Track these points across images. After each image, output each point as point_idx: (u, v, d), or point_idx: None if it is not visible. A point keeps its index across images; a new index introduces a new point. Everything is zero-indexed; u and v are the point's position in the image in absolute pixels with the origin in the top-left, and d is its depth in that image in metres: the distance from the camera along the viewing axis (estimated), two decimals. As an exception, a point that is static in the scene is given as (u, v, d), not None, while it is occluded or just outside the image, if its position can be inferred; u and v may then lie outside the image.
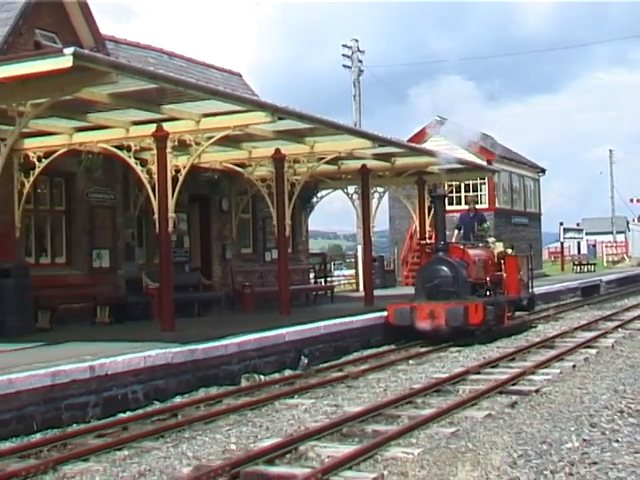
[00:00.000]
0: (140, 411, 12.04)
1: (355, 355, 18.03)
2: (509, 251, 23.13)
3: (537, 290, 33.11)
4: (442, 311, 18.60)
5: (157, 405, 12.51)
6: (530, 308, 24.35)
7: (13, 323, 15.90)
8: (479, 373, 14.48)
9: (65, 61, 12.11)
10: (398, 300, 21.10)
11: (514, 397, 11.97)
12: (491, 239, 23.08)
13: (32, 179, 18.69)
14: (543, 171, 51.67)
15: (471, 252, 20.92)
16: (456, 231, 23.40)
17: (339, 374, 15.04)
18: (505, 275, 21.80)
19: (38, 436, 10.53)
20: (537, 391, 12.38)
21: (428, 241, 22.24)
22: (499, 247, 22.55)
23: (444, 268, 19.88)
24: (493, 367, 15.13)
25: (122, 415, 11.77)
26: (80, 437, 10.34)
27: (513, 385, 13.03)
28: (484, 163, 38.40)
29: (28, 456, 9.45)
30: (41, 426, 10.82)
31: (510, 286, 21.87)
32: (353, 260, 42.86)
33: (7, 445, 10.07)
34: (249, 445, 9.58)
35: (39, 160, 18.56)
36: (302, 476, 7.82)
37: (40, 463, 8.93)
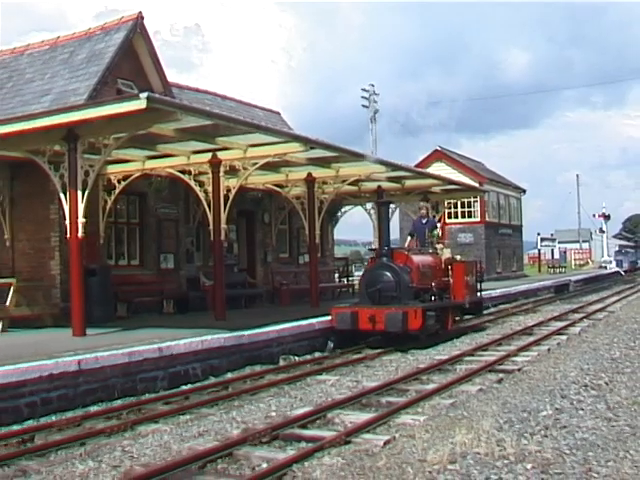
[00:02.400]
0: (198, 384, 12.09)
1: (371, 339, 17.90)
2: (458, 257, 20.41)
3: (519, 288, 33.21)
4: (382, 316, 15.65)
5: (212, 379, 12.56)
6: (477, 312, 20.69)
7: (98, 313, 15.97)
8: (473, 355, 14.48)
9: (140, 103, 12.22)
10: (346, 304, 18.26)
11: (501, 375, 11.98)
12: (439, 246, 19.36)
13: (113, 197, 18.90)
14: (524, 191, 51.51)
15: (415, 258, 17.47)
16: (409, 238, 20.10)
17: (359, 356, 15.03)
18: (452, 281, 18.43)
19: (118, 402, 10.65)
20: (519, 370, 12.36)
21: (373, 247, 18.24)
22: (447, 253, 19.14)
23: (387, 273, 16.63)
24: (484, 350, 15.12)
25: (184, 387, 11.87)
26: (151, 404, 10.46)
27: (500, 365, 13.02)
28: (476, 184, 38.28)
29: (111, 418, 9.59)
30: (120, 394, 10.94)
31: (457, 291, 18.44)
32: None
33: (95, 409, 10.23)
34: (286, 412, 9.63)
35: (118, 182, 18.75)
36: (330, 437, 7.88)
37: (121, 423, 9.08)
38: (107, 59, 19.21)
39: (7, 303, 16.08)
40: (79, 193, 13.99)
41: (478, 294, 20.00)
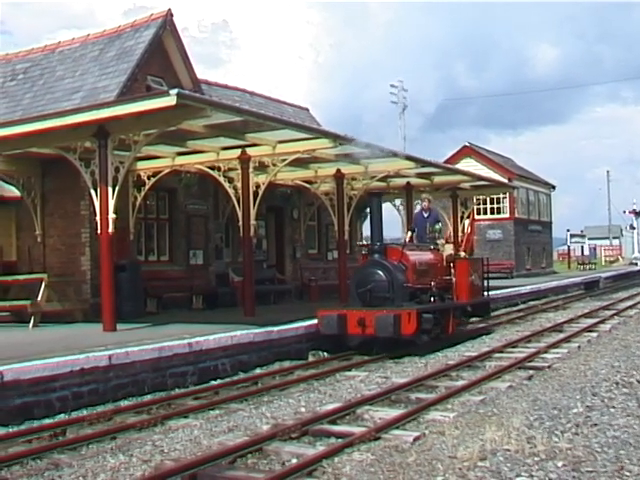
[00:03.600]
0: (228, 379, 12.11)
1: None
2: (462, 254, 18.99)
3: (549, 284, 32.99)
4: (372, 319, 13.91)
5: (241, 375, 12.58)
6: (484, 314, 18.92)
7: (128, 308, 16.07)
8: (502, 352, 14.39)
9: (170, 100, 12.29)
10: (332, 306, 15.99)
11: (531, 372, 11.88)
12: (440, 241, 17.40)
13: (143, 194, 19.03)
14: (553, 187, 51.21)
15: (411, 254, 15.56)
16: (409, 233, 17.93)
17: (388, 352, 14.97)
18: (454, 280, 16.59)
19: (149, 397, 10.71)
20: (549, 367, 12.28)
21: (364, 242, 16.05)
22: (449, 250, 17.30)
23: (378, 272, 14.79)
24: (513, 347, 15.03)
25: (213, 382, 11.88)
26: (181, 399, 10.49)
27: (530, 362, 12.92)
28: (506, 180, 38.11)
29: (141, 412, 9.63)
30: (151, 389, 11.00)
31: (460, 292, 16.64)
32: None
33: (125, 403, 10.29)
34: (316, 408, 9.63)
35: (148, 178, 18.88)
36: (359, 433, 7.87)
37: (151, 418, 9.11)
38: (137, 56, 19.34)
39: (39, 298, 16.23)
40: (109, 189, 14.09)
41: (485, 294, 18.35)
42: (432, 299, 15.46)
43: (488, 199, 41.38)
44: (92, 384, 10.23)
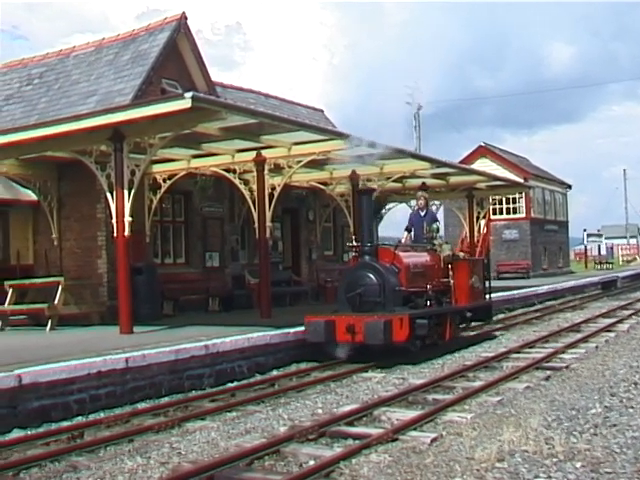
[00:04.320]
0: (245, 381, 12.09)
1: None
2: (461, 254, 17.83)
3: (566, 284, 32.83)
4: (361, 325, 12.97)
5: (258, 377, 12.58)
6: (486, 318, 17.99)
7: (145, 311, 16.12)
8: (519, 352, 14.32)
9: (185, 103, 12.34)
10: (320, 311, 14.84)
11: (548, 372, 11.83)
12: (437, 241, 16.13)
13: (158, 196, 19.11)
14: (569, 186, 51.02)
15: (405, 256, 14.54)
16: (405, 233, 16.76)
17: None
18: (453, 282, 15.52)
19: (166, 399, 10.71)
20: (567, 367, 12.22)
21: (355, 243, 14.64)
22: (446, 250, 15.91)
23: (369, 275, 13.78)
24: (531, 348, 14.97)
25: (230, 384, 11.87)
26: (198, 401, 10.49)
27: (547, 362, 12.86)
28: (521, 180, 37.99)
29: (159, 414, 9.64)
30: (168, 391, 11.02)
31: (459, 295, 15.59)
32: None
33: (142, 405, 10.31)
34: (333, 410, 9.62)
35: (164, 181, 18.96)
36: (376, 435, 7.86)
37: (168, 420, 9.12)
38: (151, 59, 19.40)
39: (56, 301, 16.31)
40: (125, 192, 14.14)
41: (486, 297, 17.40)
42: (428, 303, 14.40)
43: (504, 199, 41.28)
44: (109, 387, 10.26)
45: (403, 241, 16.33)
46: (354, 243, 14.55)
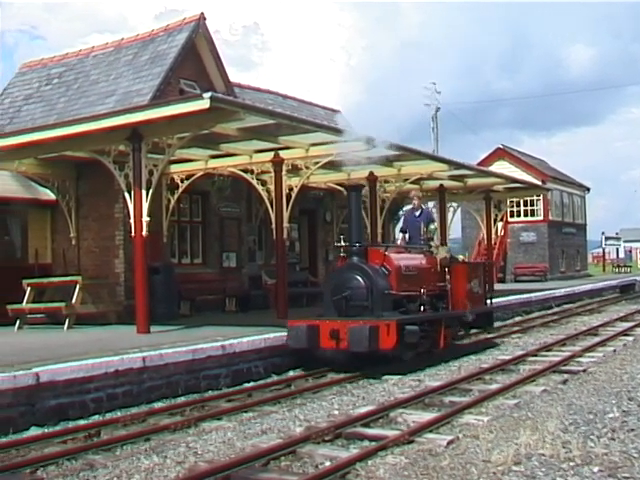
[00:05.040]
0: (261, 382, 12.12)
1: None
2: (461, 257, 16.87)
3: (583, 287, 32.65)
4: (346, 331, 12.19)
5: (274, 377, 12.60)
6: (486, 325, 16.94)
7: (162, 310, 16.18)
8: (536, 355, 14.27)
9: (204, 103, 12.37)
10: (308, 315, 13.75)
11: (565, 375, 11.78)
12: (434, 242, 15.33)
13: (176, 196, 19.17)
14: (588, 189, 50.80)
15: (396, 257, 13.70)
16: (401, 235, 16.09)
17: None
18: (450, 287, 14.61)
19: (182, 399, 10.73)
20: (584, 371, 12.18)
21: (343, 243, 13.66)
22: (443, 252, 15.11)
23: (356, 277, 12.95)
24: (548, 351, 14.91)
25: (247, 385, 11.89)
26: (214, 401, 10.52)
27: (564, 365, 12.82)
28: (539, 183, 37.84)
29: (175, 414, 9.67)
30: (184, 391, 11.03)
31: (457, 300, 14.67)
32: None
33: (159, 405, 10.35)
34: (349, 411, 9.61)
35: (182, 181, 19.00)
36: (393, 436, 7.85)
37: (184, 420, 9.15)
38: (170, 60, 19.45)
39: (73, 300, 16.39)
40: (143, 192, 14.18)
41: (487, 302, 16.43)
42: (422, 308, 13.54)
43: (522, 201, 41.13)
44: (126, 386, 10.30)
45: (399, 243, 15.67)
46: (342, 243, 13.63)
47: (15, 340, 14.27)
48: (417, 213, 15.72)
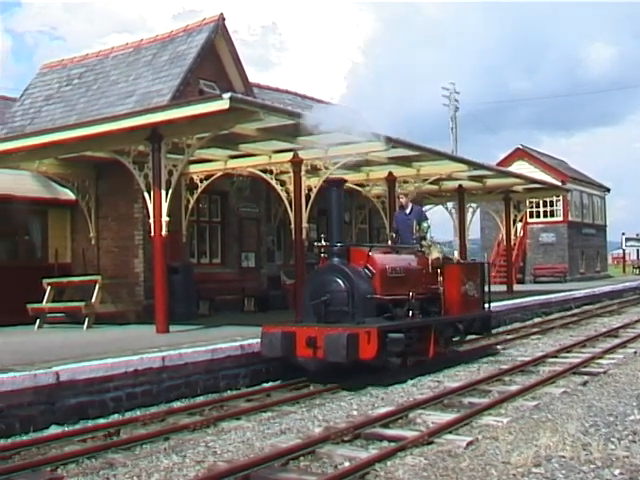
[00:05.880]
0: (280, 382, 12.07)
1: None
2: (455, 255, 15.62)
3: (604, 289, 32.45)
4: (322, 339, 11.08)
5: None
6: (483, 331, 15.47)
7: (181, 310, 16.25)
8: (556, 357, 14.20)
9: (223, 104, 12.41)
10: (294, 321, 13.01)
11: (586, 377, 11.72)
12: (425, 242, 13.91)
13: (195, 196, 19.26)
14: (608, 190, 50.52)
15: (380, 258, 12.54)
16: (392, 235, 14.81)
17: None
18: (442, 289, 13.55)
19: (201, 398, 10.74)
20: (605, 372, 12.11)
21: (323, 242, 12.41)
22: (435, 253, 13.72)
23: (336, 279, 11.85)
24: (568, 352, 14.83)
25: (265, 385, 11.88)
26: (233, 401, 10.52)
27: (584, 367, 12.74)
28: (559, 183, 37.69)
29: (194, 414, 9.68)
30: (203, 391, 11.04)
31: (450, 304, 13.58)
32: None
33: (178, 404, 10.36)
34: (368, 412, 9.59)
35: (201, 181, 19.09)
36: (412, 437, 7.84)
37: (204, 419, 9.16)
38: (189, 60, 19.51)
39: (93, 300, 16.48)
40: (163, 192, 14.23)
41: (485, 307, 15.14)
42: (410, 313, 12.45)
43: (541, 202, 41.00)
44: (145, 385, 10.33)
45: (390, 243, 14.63)
46: (322, 242, 12.42)
47: (35, 339, 14.36)
48: (407, 211, 14.64)
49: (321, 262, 12.71)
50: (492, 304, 19.41)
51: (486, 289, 15.21)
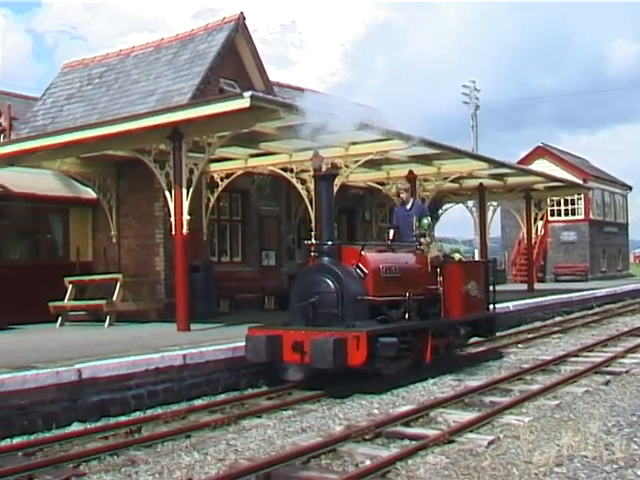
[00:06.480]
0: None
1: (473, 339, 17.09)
2: (457, 256, 14.46)
3: (625, 287, 32.21)
4: (309, 344, 10.37)
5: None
6: (487, 334, 14.57)
7: (201, 308, 16.27)
8: (578, 356, 14.12)
9: (244, 102, 12.43)
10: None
11: (608, 376, 11.64)
12: (425, 239, 13.03)
13: (216, 195, 19.29)
14: (630, 188, 50.18)
15: (373, 257, 11.75)
16: (391, 232, 13.89)
17: (461, 354, 14.78)
18: (442, 290, 12.62)
19: (222, 396, 10.78)
20: (627, 372, 12.03)
21: (313, 241, 12.20)
22: (434, 250, 12.90)
23: (325, 280, 11.10)
24: (589, 351, 14.75)
25: (287, 383, 11.78)
26: (254, 399, 10.56)
27: (607, 366, 12.66)
28: (580, 181, 37.48)
29: (215, 411, 9.72)
30: (224, 389, 11.08)
31: (450, 305, 12.66)
32: (470, 261, 42.48)
33: (199, 402, 10.39)
34: (389, 410, 9.59)
35: (221, 180, 19.13)
36: (433, 436, 7.82)
37: (224, 417, 9.18)
38: (210, 59, 19.57)
39: (114, 298, 16.55)
40: (184, 191, 14.27)
41: (489, 308, 14.19)
42: (406, 315, 11.54)
43: (562, 200, 40.78)
44: (167, 383, 10.37)
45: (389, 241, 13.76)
46: (312, 240, 11.76)
47: (57, 337, 14.46)
48: (408, 206, 13.81)
49: (311, 261, 12.07)
50: (512, 303, 19.44)
51: (491, 288, 14.29)
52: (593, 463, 6.80)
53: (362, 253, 11.57)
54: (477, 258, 28.95)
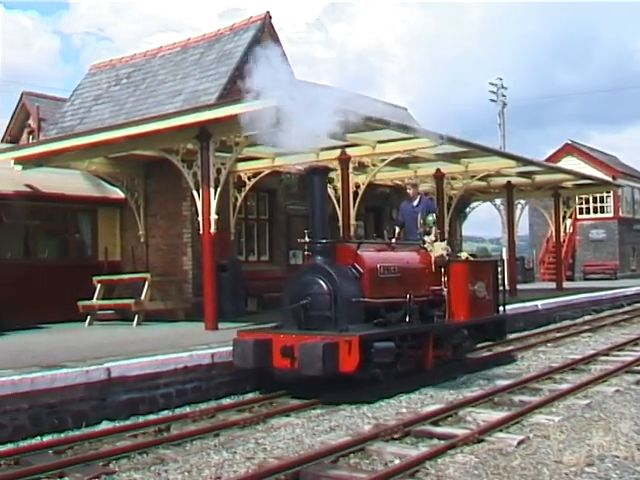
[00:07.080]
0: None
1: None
2: (464, 254, 13.49)
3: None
4: (298, 348, 9.77)
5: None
6: (497, 337, 13.81)
7: (229, 307, 16.31)
8: (607, 355, 14.01)
9: (271, 102, 12.42)
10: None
11: (639, 376, 11.55)
12: (429, 237, 12.47)
13: (243, 194, 19.35)
14: (661, 185, 49.69)
15: (369, 256, 11.12)
16: (397, 228, 13.48)
17: (488, 353, 14.72)
18: (447, 291, 12.02)
19: (250, 395, 10.79)
20: (659, 371, 11.97)
21: (307, 239, 11.06)
22: (439, 249, 12.26)
23: (318, 281, 10.44)
24: (620, 350, 14.62)
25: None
26: (282, 398, 10.53)
27: (638, 366, 12.53)
28: (609, 179, 37.18)
29: (243, 410, 9.75)
30: (252, 387, 11.07)
31: (455, 307, 12.03)
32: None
33: (227, 401, 10.42)
34: (417, 409, 9.56)
35: (249, 179, 19.18)
36: (462, 435, 7.79)
37: (253, 416, 9.20)
38: (236, 59, 19.58)
39: (142, 297, 16.65)
40: (211, 190, 14.30)
41: (499, 309, 13.51)
42: (407, 318, 10.88)
43: (591, 198, 40.52)
44: (195, 382, 10.41)
45: (395, 237, 13.15)
46: (306, 239, 11.07)
47: (86, 336, 14.56)
48: (415, 202, 13.27)
49: (306, 260, 11.63)
50: (541, 302, 19.25)
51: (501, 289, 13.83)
52: (625, 463, 6.74)
53: (358, 252, 11.05)
54: (505, 256, 28.87)
